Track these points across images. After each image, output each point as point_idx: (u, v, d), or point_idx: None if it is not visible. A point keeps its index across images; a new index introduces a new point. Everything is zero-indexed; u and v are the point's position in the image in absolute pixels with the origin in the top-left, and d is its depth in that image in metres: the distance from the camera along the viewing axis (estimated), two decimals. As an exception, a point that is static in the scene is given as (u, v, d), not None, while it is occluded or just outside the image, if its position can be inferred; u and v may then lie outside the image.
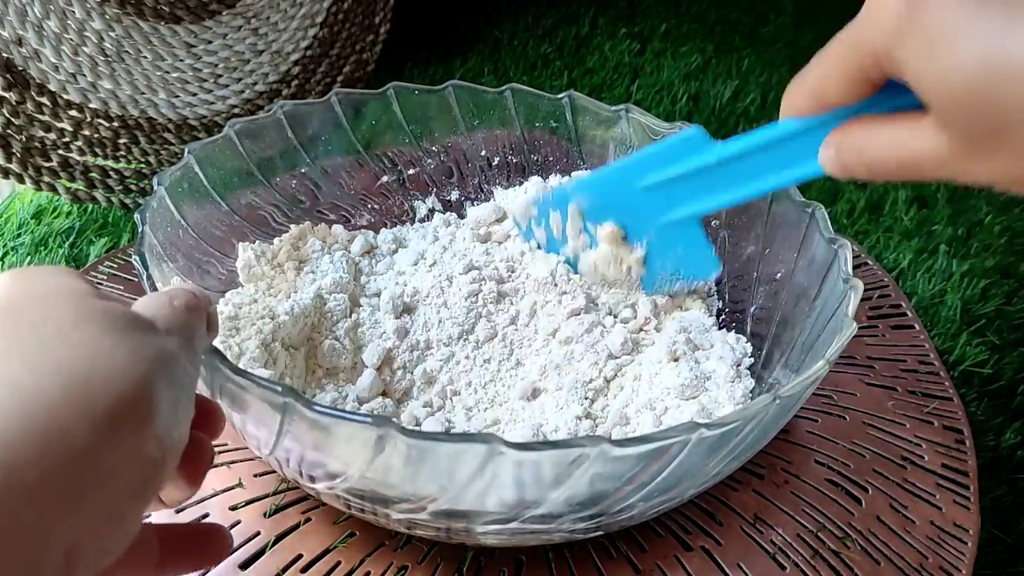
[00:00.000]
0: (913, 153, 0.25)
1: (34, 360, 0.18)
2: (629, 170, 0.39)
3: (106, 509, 0.18)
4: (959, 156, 0.24)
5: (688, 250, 0.41)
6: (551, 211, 0.43)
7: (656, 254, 0.41)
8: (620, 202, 0.40)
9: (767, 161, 0.33)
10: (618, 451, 0.27)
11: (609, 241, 0.41)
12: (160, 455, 0.20)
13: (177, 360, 0.21)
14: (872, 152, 0.27)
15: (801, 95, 0.29)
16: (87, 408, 0.18)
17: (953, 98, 0.23)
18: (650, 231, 0.40)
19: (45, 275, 0.21)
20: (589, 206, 0.42)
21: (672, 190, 0.38)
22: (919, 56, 0.23)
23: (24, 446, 0.17)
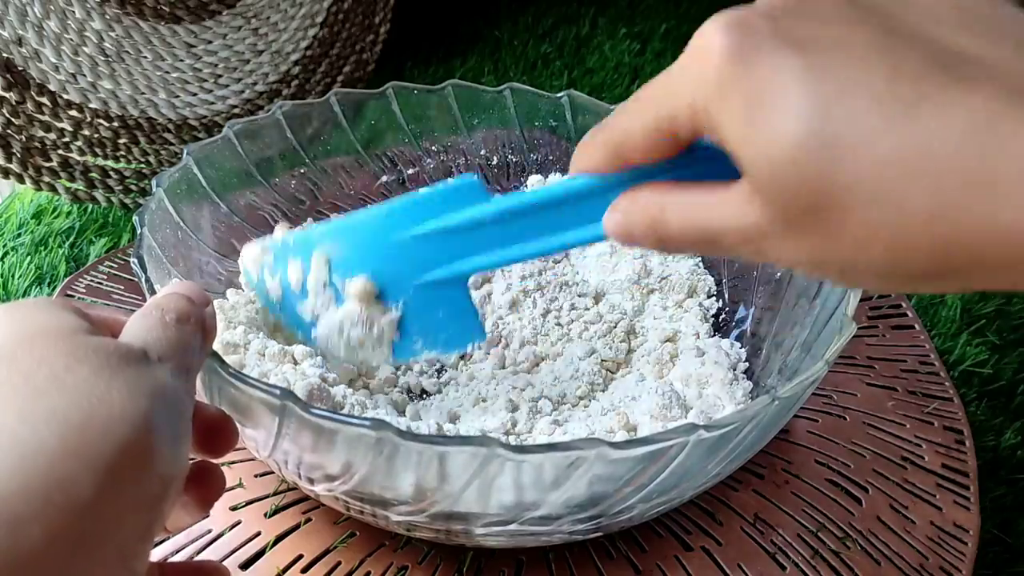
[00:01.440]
0: (717, 226, 0.22)
1: (30, 410, 0.18)
2: (390, 217, 0.33)
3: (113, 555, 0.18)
4: (768, 233, 0.21)
5: (451, 315, 0.34)
6: (290, 259, 0.35)
7: (413, 317, 0.35)
8: (376, 254, 0.34)
9: (548, 220, 0.29)
10: (616, 453, 0.27)
11: (360, 299, 0.34)
12: (163, 491, 0.19)
13: (173, 391, 0.21)
14: (669, 221, 0.24)
15: (596, 149, 0.25)
16: (87, 458, 0.17)
17: (777, 170, 0.20)
18: (408, 291, 0.34)
19: (34, 312, 0.21)
20: (338, 258, 0.34)
21: (438, 245, 0.32)
22: (740, 118, 0.20)
23: (25, 502, 0.16)
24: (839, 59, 0.19)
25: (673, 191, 0.24)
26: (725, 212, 0.22)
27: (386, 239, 0.33)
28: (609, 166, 0.26)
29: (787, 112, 0.19)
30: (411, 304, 0.34)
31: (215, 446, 0.26)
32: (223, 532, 0.37)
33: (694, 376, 0.40)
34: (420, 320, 0.35)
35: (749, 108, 0.20)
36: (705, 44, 0.21)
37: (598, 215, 0.27)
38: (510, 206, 0.30)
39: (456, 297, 0.34)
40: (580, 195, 0.28)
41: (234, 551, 0.36)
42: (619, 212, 0.26)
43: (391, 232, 0.33)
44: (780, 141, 0.19)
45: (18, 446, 0.17)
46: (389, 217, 0.33)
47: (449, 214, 0.31)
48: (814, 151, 0.19)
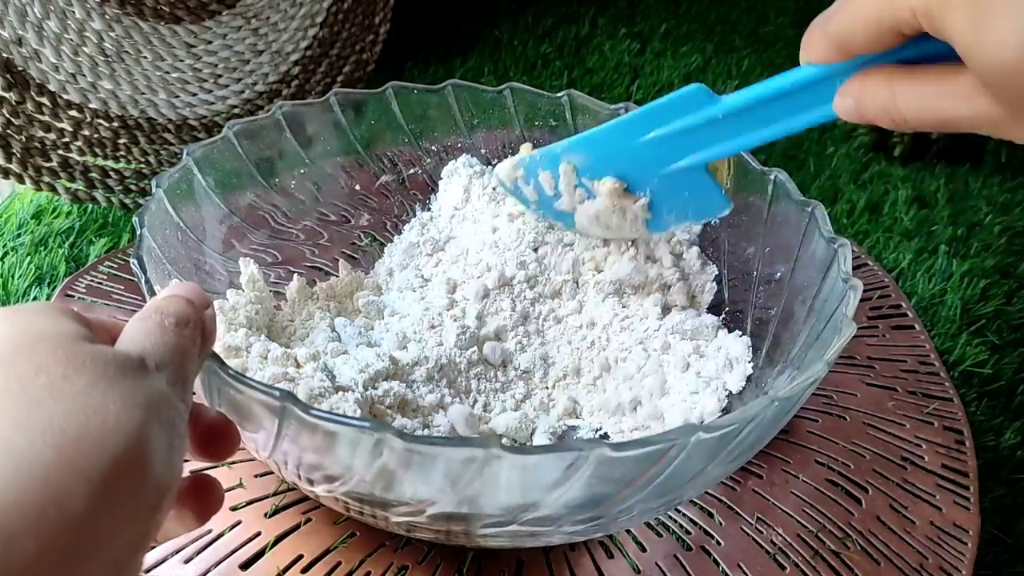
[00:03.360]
0: (950, 112, 0.25)
1: (26, 419, 0.18)
2: (627, 127, 0.38)
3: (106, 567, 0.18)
4: (1000, 121, 0.23)
5: (695, 192, 0.39)
6: (540, 171, 0.42)
7: (662, 200, 0.40)
8: (619, 157, 0.39)
9: (776, 110, 0.32)
10: (616, 454, 0.27)
11: (610, 195, 0.40)
12: (157, 501, 0.19)
13: (169, 401, 0.21)
14: (900, 106, 0.26)
15: (822, 42, 0.28)
16: (82, 470, 0.17)
17: (1006, 69, 0.22)
18: (653, 180, 0.39)
19: (34, 318, 0.21)
20: (584, 164, 0.40)
21: (675, 142, 0.37)
22: (966, 23, 0.22)
23: (20, 514, 0.16)
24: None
25: (902, 77, 0.26)
26: (958, 101, 0.24)
27: (627, 144, 0.38)
28: (835, 57, 0.28)
29: (1010, 19, 0.21)
30: (658, 189, 0.39)
31: (216, 450, 0.26)
32: (223, 532, 0.37)
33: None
34: (668, 201, 0.40)
35: (973, 15, 0.22)
36: None
37: (825, 99, 0.29)
38: (739, 104, 0.33)
39: (698, 177, 0.38)
40: (806, 84, 0.30)
41: (234, 551, 0.36)
42: (851, 97, 0.27)
43: (631, 138, 0.38)
44: (1005, 46, 0.21)
45: (14, 457, 0.17)
46: (627, 127, 0.38)
47: (683, 117, 0.36)
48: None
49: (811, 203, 0.40)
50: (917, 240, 0.64)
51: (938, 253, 0.62)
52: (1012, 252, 0.63)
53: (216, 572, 0.35)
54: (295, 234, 0.49)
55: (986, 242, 0.64)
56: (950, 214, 0.67)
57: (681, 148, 0.37)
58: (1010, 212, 0.68)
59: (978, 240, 0.64)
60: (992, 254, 0.63)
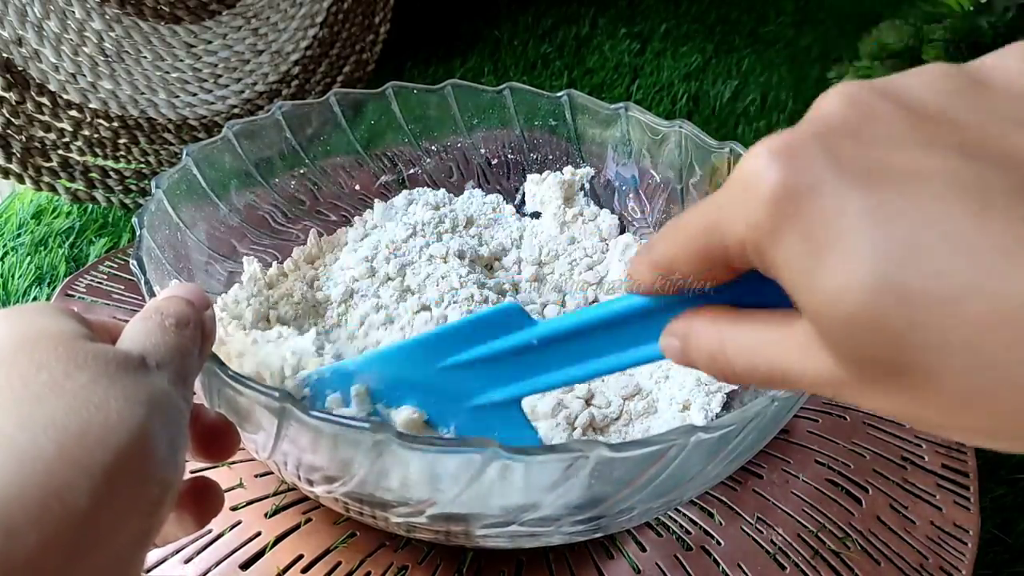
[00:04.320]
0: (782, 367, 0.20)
1: (28, 416, 0.18)
2: (429, 346, 0.32)
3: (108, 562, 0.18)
4: (844, 383, 0.18)
5: (507, 432, 0.33)
6: (328, 393, 0.34)
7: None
8: (420, 383, 0.33)
9: (599, 343, 0.28)
10: (615, 455, 0.27)
11: (409, 428, 0.33)
12: (160, 498, 0.19)
13: (170, 398, 0.21)
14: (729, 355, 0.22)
15: (646, 270, 0.24)
16: (84, 466, 0.17)
17: (844, 322, 0.17)
18: (458, 414, 0.33)
19: (35, 317, 0.21)
20: (379, 387, 0.34)
21: (483, 370, 0.32)
22: (799, 264, 0.17)
23: (22, 509, 0.16)
24: (912, 196, 0.16)
25: (732, 323, 0.22)
26: (792, 355, 0.20)
27: (428, 368, 0.32)
28: (660, 289, 0.24)
29: (854, 262, 0.16)
30: (463, 427, 0.33)
31: (216, 451, 0.26)
32: (223, 532, 0.37)
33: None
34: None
35: (808, 255, 0.17)
36: (753, 175, 0.18)
37: (653, 335, 0.25)
38: (555, 330, 0.29)
39: (510, 416, 0.33)
40: (631, 316, 0.26)
41: (234, 551, 0.36)
42: (676, 339, 0.24)
43: (433, 361, 0.32)
44: (847, 295, 0.17)
45: (16, 453, 0.17)
46: (430, 346, 0.32)
47: (492, 341, 0.31)
48: (890, 308, 0.16)
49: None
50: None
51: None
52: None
53: (216, 572, 0.35)
54: (295, 234, 0.49)
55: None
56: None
57: (491, 378, 0.32)
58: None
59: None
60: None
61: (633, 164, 0.49)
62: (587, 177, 0.51)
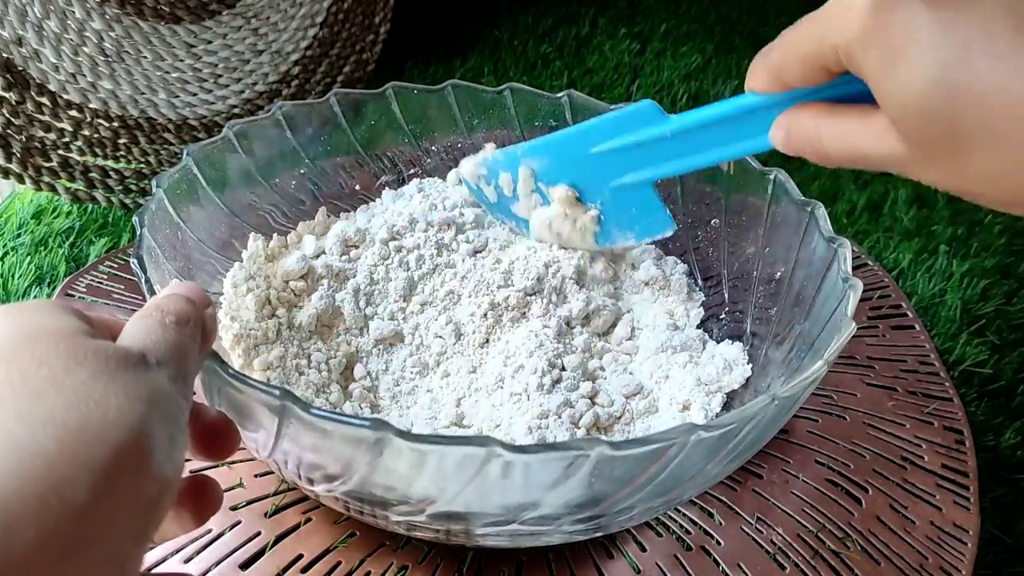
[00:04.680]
0: (864, 149, 0.26)
1: (28, 411, 0.18)
2: (582, 136, 0.40)
3: (107, 558, 0.18)
4: (909, 160, 0.25)
5: (642, 210, 0.41)
6: (501, 172, 0.44)
7: (611, 213, 0.42)
8: (573, 165, 0.41)
9: (721, 134, 0.34)
10: (616, 453, 0.27)
11: (563, 202, 0.42)
12: (159, 495, 0.19)
13: (170, 395, 0.21)
14: (823, 140, 0.28)
15: (762, 73, 0.30)
16: (83, 461, 0.17)
17: (910, 109, 0.23)
18: (604, 192, 0.41)
19: (35, 314, 0.21)
20: (541, 168, 0.42)
21: (625, 156, 0.39)
22: (880, 64, 0.24)
23: (21, 503, 0.16)
24: (967, 13, 0.22)
25: (828, 115, 0.28)
26: (871, 139, 0.26)
27: (581, 153, 0.40)
28: (772, 88, 0.30)
29: (917, 63, 0.22)
30: (608, 203, 0.42)
31: (216, 450, 0.26)
32: (223, 532, 0.37)
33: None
34: (616, 215, 0.42)
35: (886, 57, 0.23)
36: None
37: (764, 128, 0.31)
38: (686, 124, 0.35)
39: (645, 196, 0.40)
40: (749, 111, 0.32)
41: (234, 551, 0.36)
42: (782, 129, 0.30)
43: (584, 147, 0.40)
44: (911, 88, 0.23)
45: (16, 448, 0.17)
46: (582, 136, 0.40)
47: (633, 131, 0.38)
48: (941, 99, 0.22)
49: (811, 203, 0.40)
50: (917, 240, 0.64)
51: (938, 253, 0.62)
52: (1012, 252, 0.63)
53: (216, 572, 0.35)
54: (295, 234, 0.48)
55: (986, 242, 0.64)
56: (950, 214, 0.67)
57: (630, 163, 0.39)
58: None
59: (978, 240, 0.64)
60: (992, 254, 0.63)
61: (633, 164, 0.49)
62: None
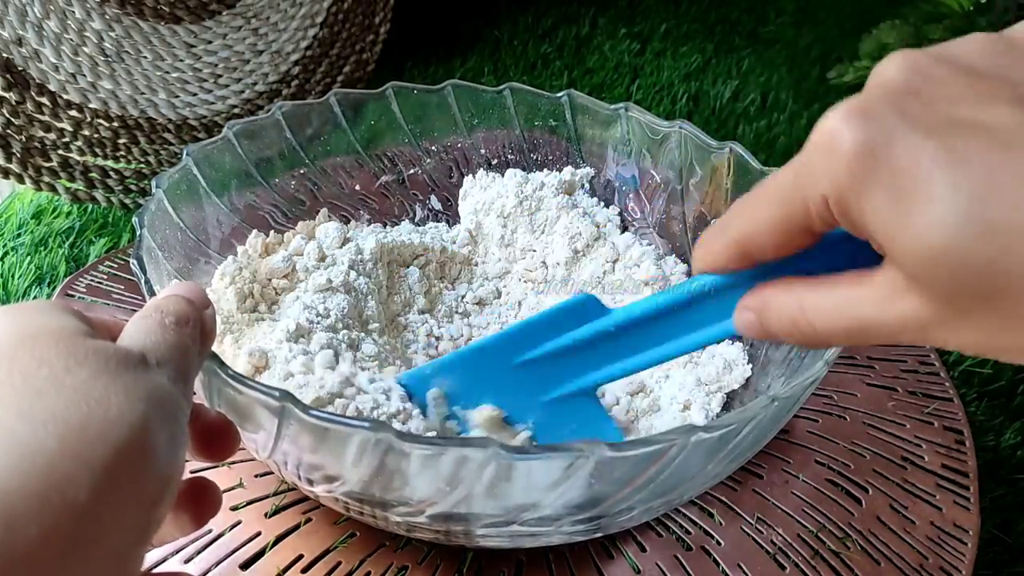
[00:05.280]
0: (867, 319, 0.22)
1: (29, 410, 0.18)
2: (504, 344, 0.34)
3: (108, 556, 0.18)
4: (932, 322, 0.20)
5: (583, 425, 0.35)
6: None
7: (546, 433, 0.35)
8: (495, 382, 0.34)
9: (674, 325, 0.29)
10: (615, 454, 0.27)
11: (487, 427, 0.35)
12: (160, 494, 0.20)
13: (170, 395, 0.21)
14: (810, 318, 0.23)
15: (722, 250, 0.25)
16: (85, 460, 0.18)
17: (934, 259, 0.19)
18: (535, 409, 0.34)
19: (36, 314, 0.21)
20: (456, 389, 0.35)
21: (560, 363, 0.33)
22: (885, 211, 0.19)
23: (23, 501, 0.16)
24: (980, 142, 0.18)
25: (809, 288, 0.23)
26: (877, 305, 0.21)
27: (504, 365, 0.34)
28: (736, 266, 0.25)
29: (938, 199, 0.18)
30: (541, 421, 0.34)
31: (216, 451, 0.26)
32: (223, 532, 0.37)
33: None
34: (553, 433, 0.35)
35: (894, 200, 0.19)
36: (831, 139, 0.20)
37: (725, 313, 0.26)
38: (632, 316, 0.30)
39: (586, 406, 0.34)
40: (703, 296, 0.28)
41: (234, 551, 0.36)
42: (752, 312, 0.25)
43: (508, 358, 0.33)
44: (937, 230, 0.18)
45: (17, 446, 0.17)
46: (503, 345, 0.34)
47: (568, 330, 0.32)
48: (977, 237, 0.18)
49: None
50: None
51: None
52: (1012, 252, 0.63)
53: (216, 572, 0.35)
54: (295, 234, 0.48)
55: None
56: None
57: (567, 370, 0.33)
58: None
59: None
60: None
61: (633, 164, 0.49)
62: (587, 177, 0.51)
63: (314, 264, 0.43)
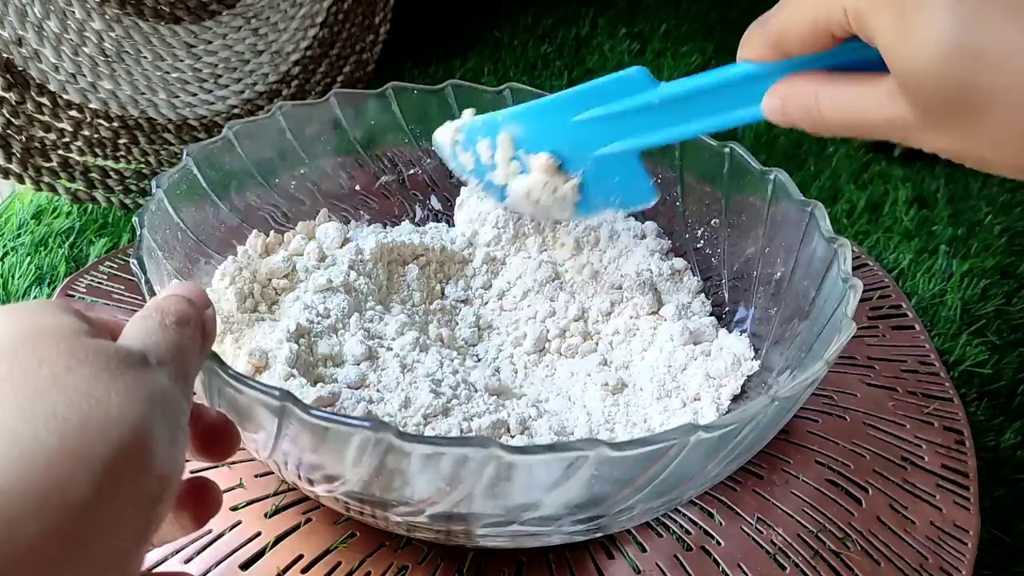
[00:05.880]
0: (866, 115, 0.26)
1: (29, 408, 0.18)
2: (566, 103, 0.38)
3: (108, 556, 0.18)
4: (913, 126, 0.24)
5: (625, 179, 0.40)
6: (479, 138, 0.41)
7: (593, 182, 0.40)
8: (555, 133, 0.39)
9: (711, 103, 0.34)
10: (615, 454, 0.27)
11: (543, 170, 0.40)
12: (160, 493, 0.20)
13: (171, 394, 0.21)
14: (822, 107, 0.27)
15: (760, 40, 0.29)
16: (85, 459, 0.18)
17: (924, 72, 0.23)
18: (587, 161, 0.39)
19: (36, 313, 0.21)
20: (521, 135, 0.40)
21: (611, 125, 0.37)
22: (892, 26, 0.23)
23: (23, 499, 0.16)
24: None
25: (827, 81, 0.27)
26: (874, 105, 0.25)
27: (565, 120, 0.38)
28: (770, 56, 0.29)
29: (931, 23, 0.22)
30: (590, 171, 0.40)
31: (217, 451, 0.26)
32: (223, 532, 0.37)
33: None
34: (598, 184, 0.40)
35: (898, 17, 0.23)
36: None
37: (757, 98, 0.30)
38: (677, 92, 0.34)
39: (629, 165, 0.39)
40: (741, 80, 0.31)
41: (234, 551, 0.36)
42: (777, 97, 0.29)
43: (569, 115, 0.38)
44: (925, 49, 0.22)
45: (18, 444, 0.17)
46: (566, 103, 0.38)
47: (621, 99, 0.36)
48: (956, 60, 0.22)
49: (811, 203, 0.40)
50: (917, 240, 0.64)
51: (938, 253, 0.62)
52: (1012, 252, 0.63)
53: (216, 572, 0.35)
54: (295, 234, 0.48)
55: (986, 242, 0.64)
56: (950, 214, 0.67)
57: (616, 131, 0.38)
58: (1010, 212, 0.68)
59: (978, 240, 0.64)
60: (992, 254, 0.63)
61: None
62: (586, 177, 0.50)
63: (314, 264, 0.43)
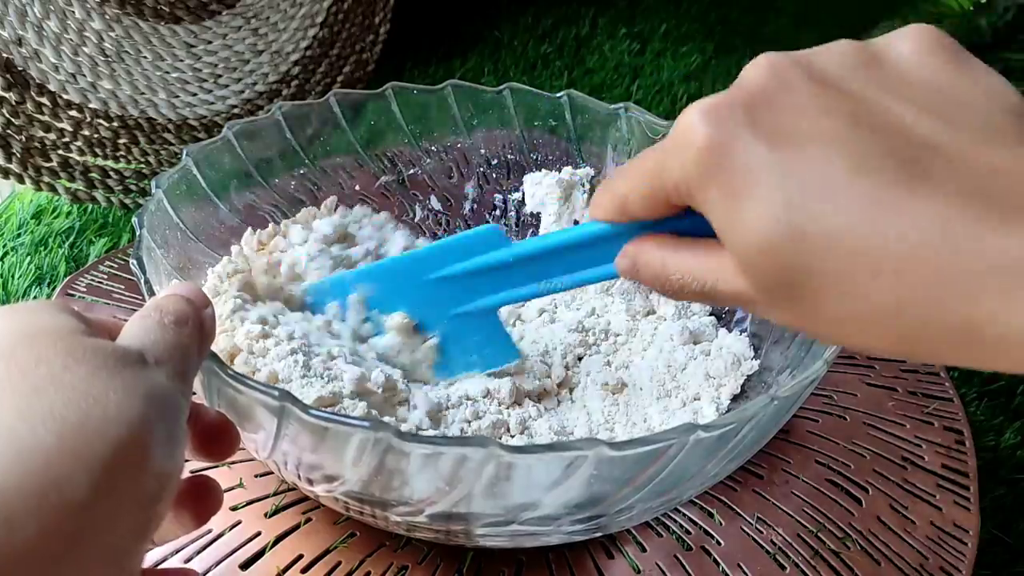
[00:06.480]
0: (711, 287, 0.25)
1: (27, 407, 0.18)
2: (419, 261, 0.38)
3: (107, 555, 0.18)
4: (755, 301, 0.23)
5: (485, 338, 0.39)
6: (328, 301, 0.40)
7: (452, 341, 0.39)
8: (410, 293, 0.38)
9: (565, 261, 0.33)
10: (615, 453, 0.27)
11: (399, 331, 0.39)
12: (158, 492, 0.20)
13: (169, 394, 0.21)
14: (670, 275, 0.26)
15: (607, 202, 0.28)
16: (83, 457, 0.18)
17: (754, 254, 0.22)
18: (444, 321, 0.39)
19: (33, 313, 0.21)
20: (374, 295, 0.39)
21: (466, 283, 0.37)
22: (721, 205, 0.22)
23: (21, 498, 0.16)
24: (807, 155, 0.20)
25: (673, 249, 0.26)
26: (720, 278, 0.24)
27: (418, 280, 0.38)
28: (617, 218, 0.28)
29: (758, 204, 0.21)
30: (448, 332, 0.39)
31: (216, 450, 0.26)
32: (223, 532, 0.37)
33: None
34: (458, 344, 0.39)
35: (727, 199, 0.22)
36: (687, 130, 0.22)
37: (610, 257, 0.30)
38: (530, 250, 0.34)
39: (488, 323, 0.38)
40: (594, 240, 0.31)
41: (234, 551, 0.36)
42: (628, 259, 0.28)
43: (421, 274, 0.37)
44: (754, 232, 0.21)
45: (16, 443, 0.17)
46: (418, 261, 0.38)
47: (475, 257, 0.36)
48: (785, 242, 0.21)
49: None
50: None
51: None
52: (1012, 252, 0.63)
53: (216, 572, 0.35)
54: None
55: (986, 242, 0.64)
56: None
57: (472, 289, 0.37)
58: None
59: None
60: (992, 254, 0.62)
61: (633, 164, 0.49)
62: (587, 177, 0.50)
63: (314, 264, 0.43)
